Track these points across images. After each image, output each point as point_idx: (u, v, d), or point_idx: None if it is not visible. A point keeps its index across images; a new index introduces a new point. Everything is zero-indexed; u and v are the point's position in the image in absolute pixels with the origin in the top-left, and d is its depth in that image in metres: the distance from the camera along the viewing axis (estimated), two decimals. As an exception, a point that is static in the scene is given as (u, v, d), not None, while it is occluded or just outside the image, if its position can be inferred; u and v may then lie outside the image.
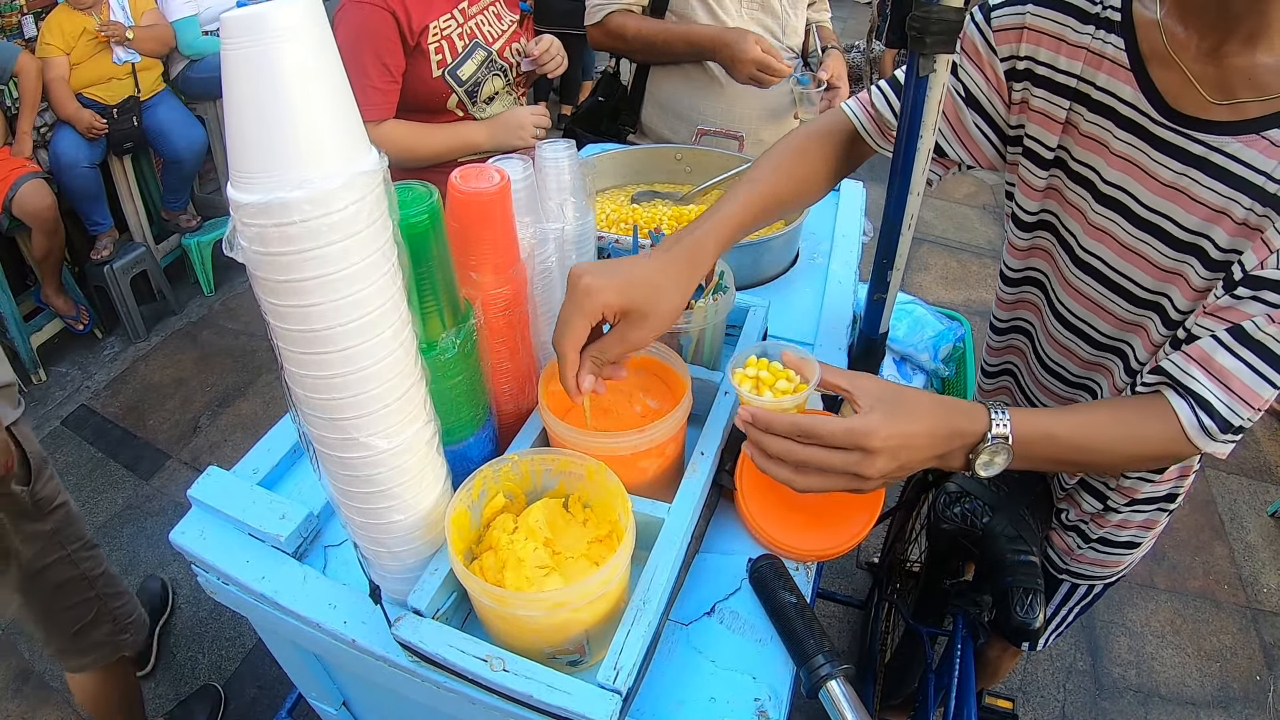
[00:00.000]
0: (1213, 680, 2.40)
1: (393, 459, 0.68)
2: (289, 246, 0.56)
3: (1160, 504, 1.22)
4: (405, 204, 0.71)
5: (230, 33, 0.51)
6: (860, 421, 0.79)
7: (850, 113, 1.12)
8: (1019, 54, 1.00)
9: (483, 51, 1.80)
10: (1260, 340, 0.83)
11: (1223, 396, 0.85)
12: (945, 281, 4.24)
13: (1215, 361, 0.85)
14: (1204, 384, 0.85)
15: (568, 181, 1.00)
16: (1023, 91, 1.02)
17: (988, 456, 0.83)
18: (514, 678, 0.70)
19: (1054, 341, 1.16)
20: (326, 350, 0.61)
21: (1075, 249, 1.05)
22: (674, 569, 0.79)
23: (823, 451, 0.79)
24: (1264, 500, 3.02)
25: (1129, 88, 0.92)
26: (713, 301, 1.01)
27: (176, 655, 2.31)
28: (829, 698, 0.75)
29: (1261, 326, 0.83)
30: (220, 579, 0.94)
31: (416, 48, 1.70)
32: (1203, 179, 0.88)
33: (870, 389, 0.82)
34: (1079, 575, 1.38)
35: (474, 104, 1.83)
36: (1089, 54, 0.95)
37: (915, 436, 0.80)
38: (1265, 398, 0.85)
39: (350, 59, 1.61)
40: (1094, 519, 1.27)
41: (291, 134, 0.53)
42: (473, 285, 0.82)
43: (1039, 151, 1.04)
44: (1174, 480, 1.19)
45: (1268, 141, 0.83)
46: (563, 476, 0.84)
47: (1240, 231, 0.87)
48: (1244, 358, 0.84)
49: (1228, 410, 0.85)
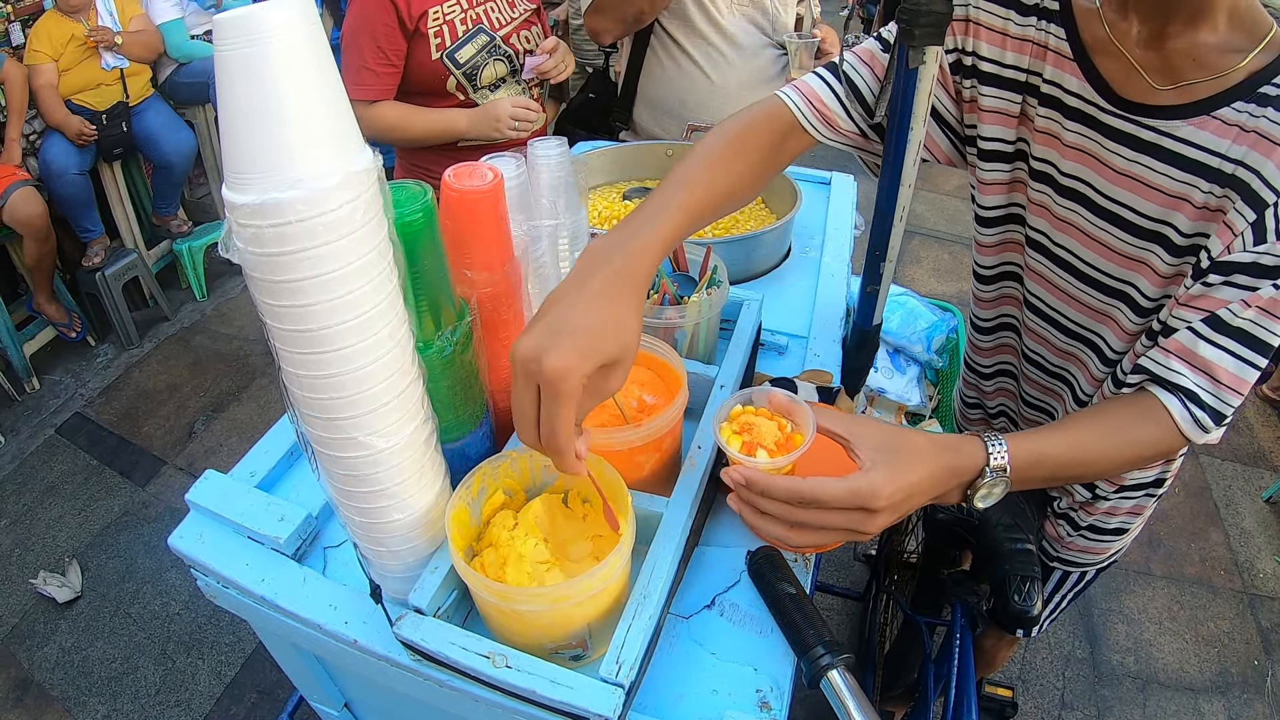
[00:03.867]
0: (1211, 666, 2.41)
1: (391, 458, 0.68)
2: (285, 246, 0.56)
3: (1148, 489, 1.23)
4: (400, 203, 0.71)
5: (223, 33, 0.51)
6: (864, 481, 0.74)
7: (789, 101, 1.02)
8: (964, 48, 0.99)
9: (485, 36, 1.85)
10: (1239, 326, 0.82)
11: (1209, 388, 0.84)
12: (937, 273, 4.25)
13: (1197, 354, 0.84)
14: (1189, 378, 0.84)
15: (560, 178, 1.00)
16: (971, 90, 1.01)
17: (986, 490, 0.81)
18: (517, 674, 0.70)
19: (1030, 331, 1.16)
20: (324, 350, 0.61)
21: (1046, 243, 1.04)
22: (673, 563, 0.79)
23: (823, 514, 0.75)
24: (1258, 486, 3.03)
25: (1074, 78, 0.91)
26: (707, 296, 1.02)
27: (176, 663, 2.30)
28: (830, 687, 0.75)
29: (1238, 313, 0.82)
30: (220, 583, 0.94)
31: (416, 31, 1.76)
32: (1156, 165, 0.88)
33: (870, 438, 0.78)
34: (1070, 563, 1.39)
35: (475, 89, 1.88)
36: (1034, 46, 0.94)
37: (917, 485, 0.76)
38: (1250, 382, 0.84)
39: (351, 41, 1.73)
40: (1083, 507, 1.28)
41: (285, 134, 0.53)
42: (467, 283, 0.82)
43: (999, 149, 1.03)
44: (1160, 466, 1.20)
45: (1219, 121, 0.82)
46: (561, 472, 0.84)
47: (1201, 215, 0.86)
48: (1225, 346, 0.83)
49: (1216, 401, 0.84)
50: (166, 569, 2.54)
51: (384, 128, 1.87)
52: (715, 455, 0.92)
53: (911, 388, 1.82)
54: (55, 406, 3.27)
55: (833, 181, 1.78)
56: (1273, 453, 3.21)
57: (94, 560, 2.62)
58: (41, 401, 3.29)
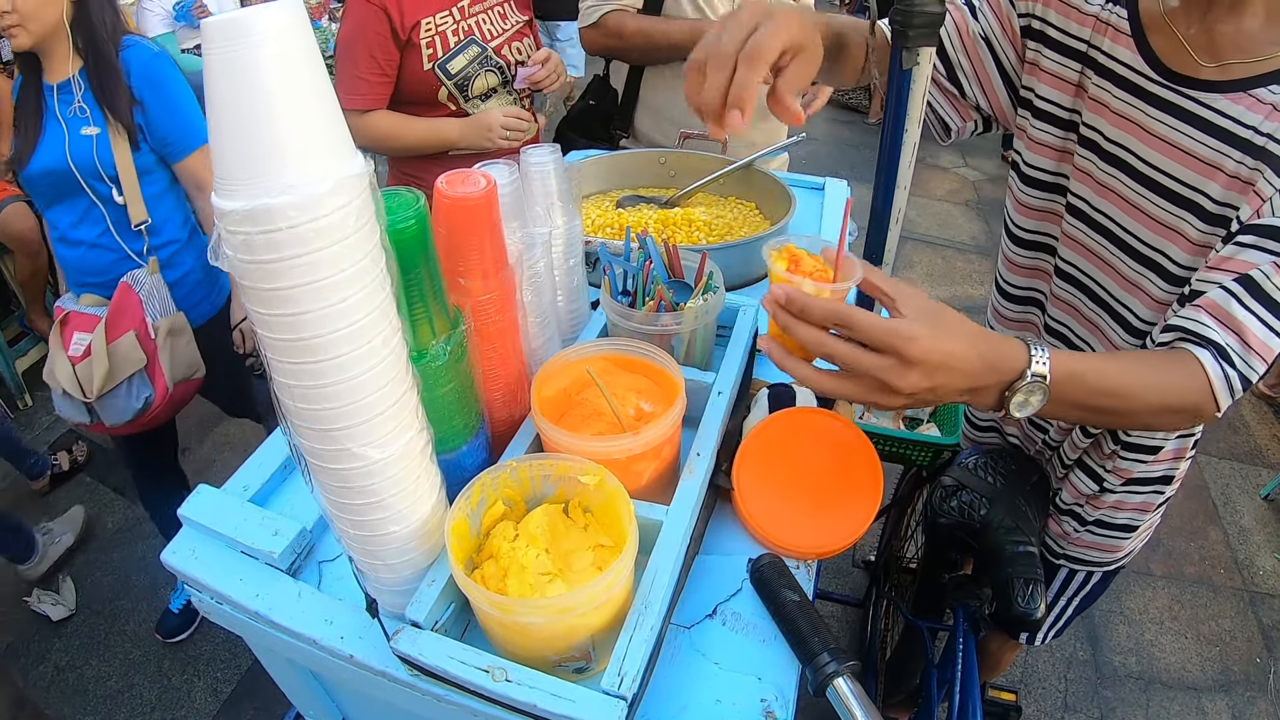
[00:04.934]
0: (1213, 665, 2.41)
1: (386, 469, 0.67)
2: (275, 254, 0.55)
3: (1155, 485, 1.23)
4: (392, 210, 0.70)
5: (211, 37, 0.50)
6: (905, 325, 0.74)
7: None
8: (1034, 13, 1.08)
9: (477, 48, 1.86)
10: (1269, 293, 0.85)
11: (1239, 349, 0.85)
12: (930, 278, 4.26)
13: (1229, 313, 0.86)
14: (1220, 335, 0.85)
15: (554, 186, 0.99)
16: (1035, 52, 1.10)
17: (1024, 396, 0.79)
18: (517, 688, 0.69)
19: (1057, 300, 1.20)
20: (316, 359, 0.60)
21: (1086, 209, 1.09)
22: (674, 572, 0.78)
23: (856, 350, 0.75)
24: (1256, 483, 3.04)
25: (1129, 51, 0.99)
26: (703, 302, 1.01)
27: (172, 680, 2.28)
28: (836, 695, 0.74)
29: (1270, 276, 0.85)
30: (214, 598, 0.92)
31: (409, 42, 1.78)
32: (1194, 133, 0.94)
33: (915, 299, 0.77)
34: (1077, 560, 1.38)
35: (466, 99, 1.90)
36: (1097, 21, 1.02)
37: (955, 356, 0.75)
38: (1276, 351, 0.86)
39: (345, 50, 1.75)
40: (1089, 501, 1.28)
41: (275, 138, 0.52)
42: (461, 291, 0.81)
43: (1053, 112, 1.10)
44: (1169, 461, 1.20)
45: (1253, 99, 0.89)
46: (562, 482, 0.82)
47: (1233, 185, 0.91)
48: (1255, 310, 0.85)
49: (1244, 365, 0.85)
50: (161, 586, 2.51)
51: (377, 137, 1.88)
52: (714, 462, 0.91)
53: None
54: (48, 423, 3.24)
55: (826, 187, 1.77)
56: (1270, 450, 3.22)
57: (88, 577, 2.60)
58: (34, 418, 3.27)
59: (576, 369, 0.93)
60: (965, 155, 6.04)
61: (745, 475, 0.93)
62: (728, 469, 0.95)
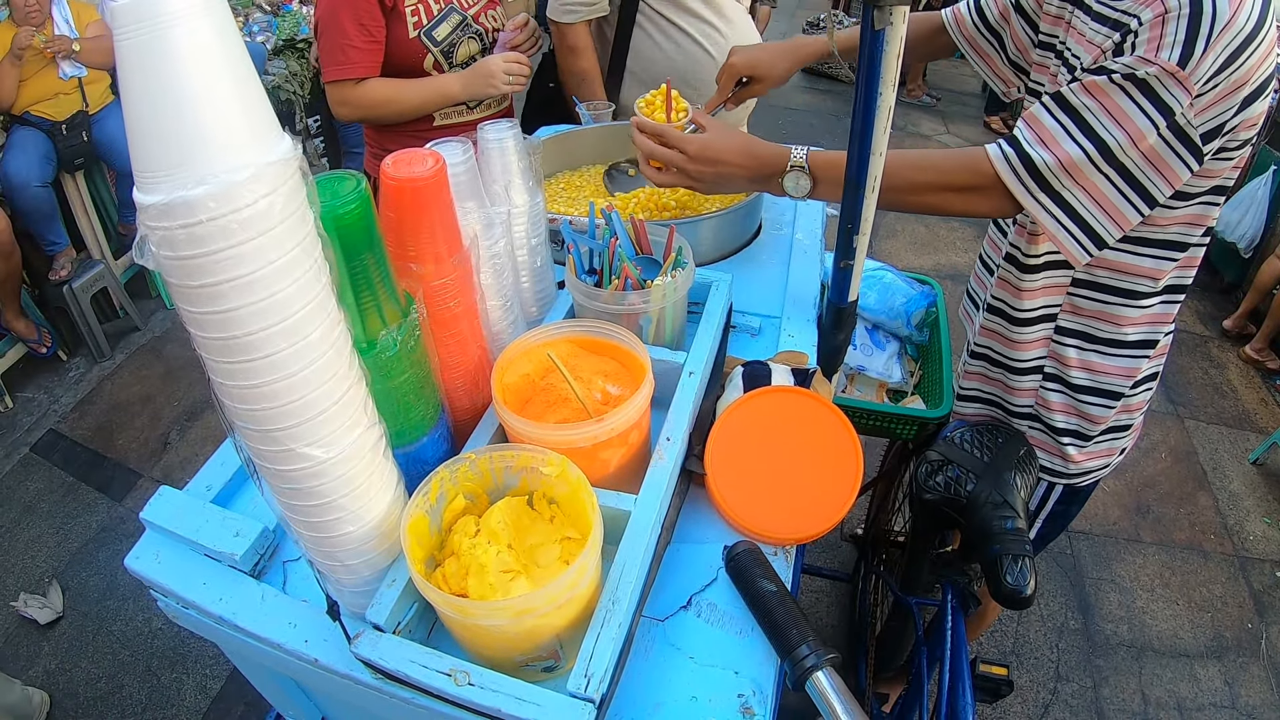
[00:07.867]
0: (1205, 631, 2.41)
1: (335, 468, 0.64)
2: (198, 249, 0.51)
3: (1138, 348, 1.26)
4: (332, 194, 0.66)
5: (120, 21, 0.47)
6: (691, 136, 1.16)
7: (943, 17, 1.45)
8: None
9: (457, 15, 1.90)
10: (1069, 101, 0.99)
11: (1028, 136, 1.02)
12: (914, 247, 4.23)
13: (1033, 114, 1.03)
14: (1020, 129, 1.04)
15: (513, 163, 0.96)
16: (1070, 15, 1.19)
17: (793, 180, 1.12)
18: (480, 691, 0.67)
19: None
20: (250, 358, 0.56)
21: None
22: (644, 563, 0.75)
23: (666, 150, 1.16)
24: (1244, 448, 3.03)
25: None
26: (671, 279, 0.97)
27: (161, 679, 2.26)
28: (816, 690, 0.71)
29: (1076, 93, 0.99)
30: (179, 604, 0.90)
31: (394, 10, 1.79)
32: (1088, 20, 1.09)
33: (717, 126, 1.20)
34: (1057, 469, 1.42)
35: (450, 66, 1.93)
36: None
37: (725, 152, 1.14)
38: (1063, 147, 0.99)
39: (331, 21, 1.74)
40: (1076, 361, 1.31)
41: (189, 126, 0.49)
42: (413, 277, 0.77)
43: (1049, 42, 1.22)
44: (1148, 325, 1.24)
45: None
46: (525, 473, 0.79)
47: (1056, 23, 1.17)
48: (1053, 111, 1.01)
49: (1029, 146, 1.01)
50: (145, 585, 2.48)
51: (375, 103, 1.86)
52: (686, 446, 0.88)
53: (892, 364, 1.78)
54: (29, 424, 3.20)
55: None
56: (1258, 415, 3.21)
57: (74, 579, 2.56)
58: (15, 420, 3.22)
59: (539, 353, 0.90)
60: (947, 122, 6.00)
61: (717, 459, 0.91)
62: (700, 452, 0.92)
